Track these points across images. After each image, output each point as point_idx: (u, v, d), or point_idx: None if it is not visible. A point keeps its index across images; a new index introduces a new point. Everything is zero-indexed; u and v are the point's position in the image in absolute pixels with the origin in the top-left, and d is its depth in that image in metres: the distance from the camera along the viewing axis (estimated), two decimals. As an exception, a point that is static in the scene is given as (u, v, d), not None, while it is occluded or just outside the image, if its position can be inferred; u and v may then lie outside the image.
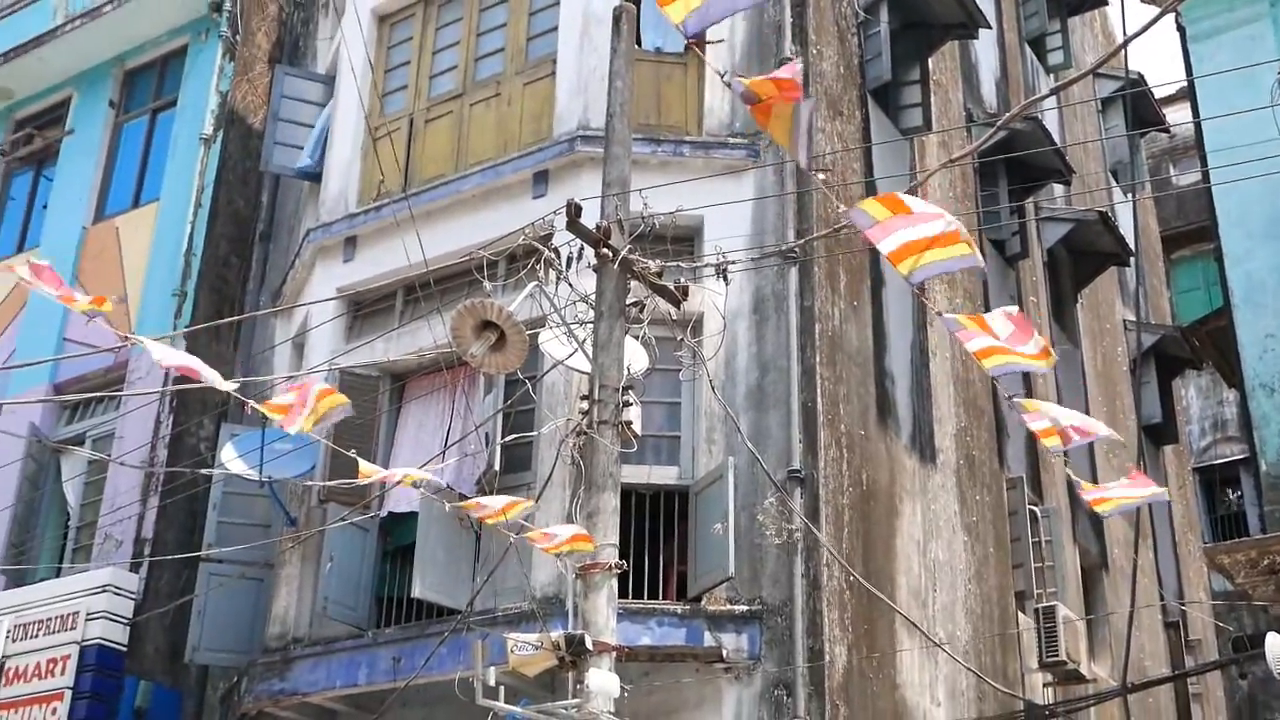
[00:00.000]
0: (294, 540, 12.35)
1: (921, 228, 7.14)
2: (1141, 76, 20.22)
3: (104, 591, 12.87)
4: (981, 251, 15.16)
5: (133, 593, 13.08)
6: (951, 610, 12.72)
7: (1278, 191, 9.37)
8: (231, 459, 12.04)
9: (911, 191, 8.10)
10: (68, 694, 12.46)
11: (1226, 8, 10.08)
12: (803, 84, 11.66)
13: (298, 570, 12.29)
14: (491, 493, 10.07)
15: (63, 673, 12.57)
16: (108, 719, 12.55)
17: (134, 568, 13.33)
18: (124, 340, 8.62)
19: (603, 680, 7.71)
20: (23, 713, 12.63)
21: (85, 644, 12.61)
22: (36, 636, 12.95)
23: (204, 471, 12.78)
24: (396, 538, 11.87)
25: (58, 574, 14.11)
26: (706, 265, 10.25)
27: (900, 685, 11.42)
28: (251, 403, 8.26)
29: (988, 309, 14.79)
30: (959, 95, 15.78)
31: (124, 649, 12.81)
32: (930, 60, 14.46)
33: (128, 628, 12.89)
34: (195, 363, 8.26)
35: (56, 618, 12.92)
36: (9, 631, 13.12)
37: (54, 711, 12.43)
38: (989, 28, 16.03)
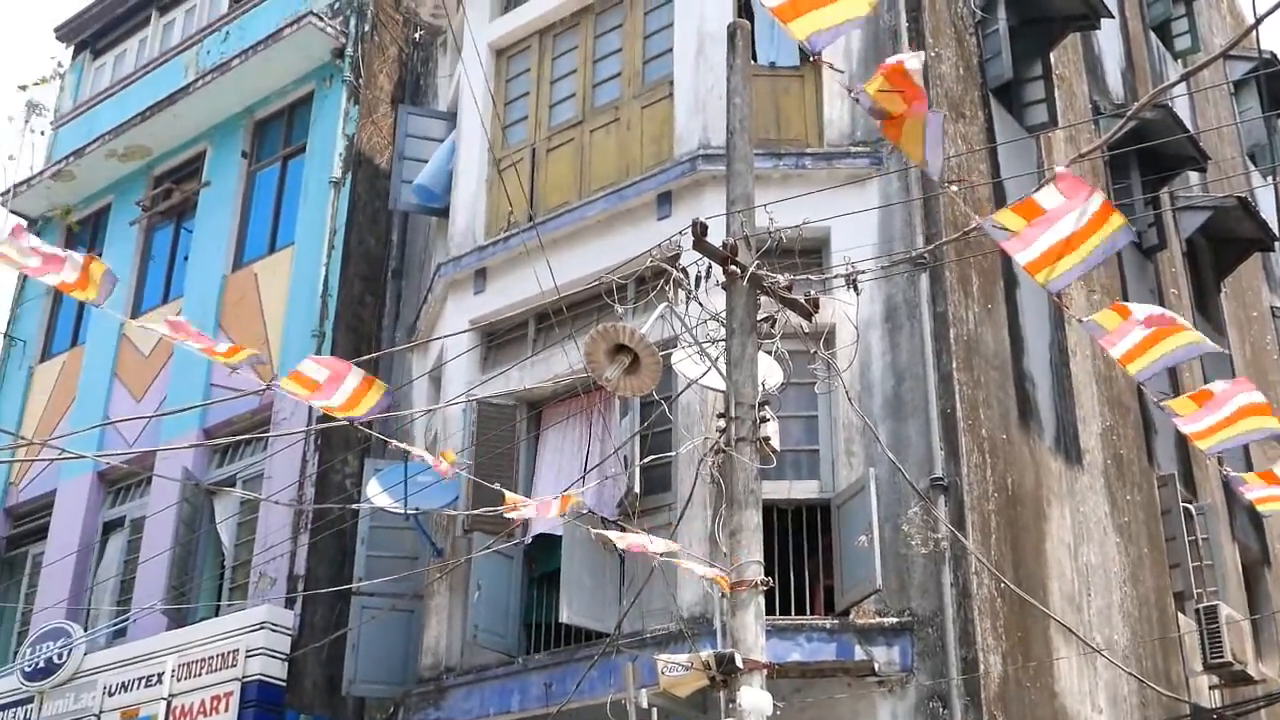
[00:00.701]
0: (441, 571, 12.46)
1: (1059, 226, 6.97)
2: (1275, 55, 19.68)
3: (261, 628, 13.11)
4: (1110, 205, 14.94)
5: (289, 629, 13.30)
6: (1108, 614, 12.43)
7: None
8: (377, 494, 12.19)
9: (1045, 183, 7.90)
10: (234, 729, 12.73)
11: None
12: (924, 83, 11.54)
13: (446, 600, 12.40)
14: (633, 515, 10.07)
15: (226, 709, 12.81)
16: (270, 754, 12.76)
17: (289, 604, 13.55)
18: (267, 385, 8.70)
19: (755, 698, 7.63)
20: (190, 749, 12.93)
21: (246, 680, 12.85)
22: (200, 675, 13.22)
23: (351, 507, 12.97)
24: (541, 564, 11.92)
25: (216, 613, 14.40)
26: (836, 276, 10.12)
27: (1059, 693, 11.18)
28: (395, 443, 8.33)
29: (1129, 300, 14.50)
30: (1084, 88, 15.50)
31: (283, 684, 13.03)
32: (1052, 55, 14.24)
33: (285, 663, 13.12)
34: (341, 364, 8.37)
35: (218, 655, 13.18)
36: (174, 670, 13.41)
37: (220, 747, 12.70)
38: (1111, 17, 15.73)
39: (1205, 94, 18.98)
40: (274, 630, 13.17)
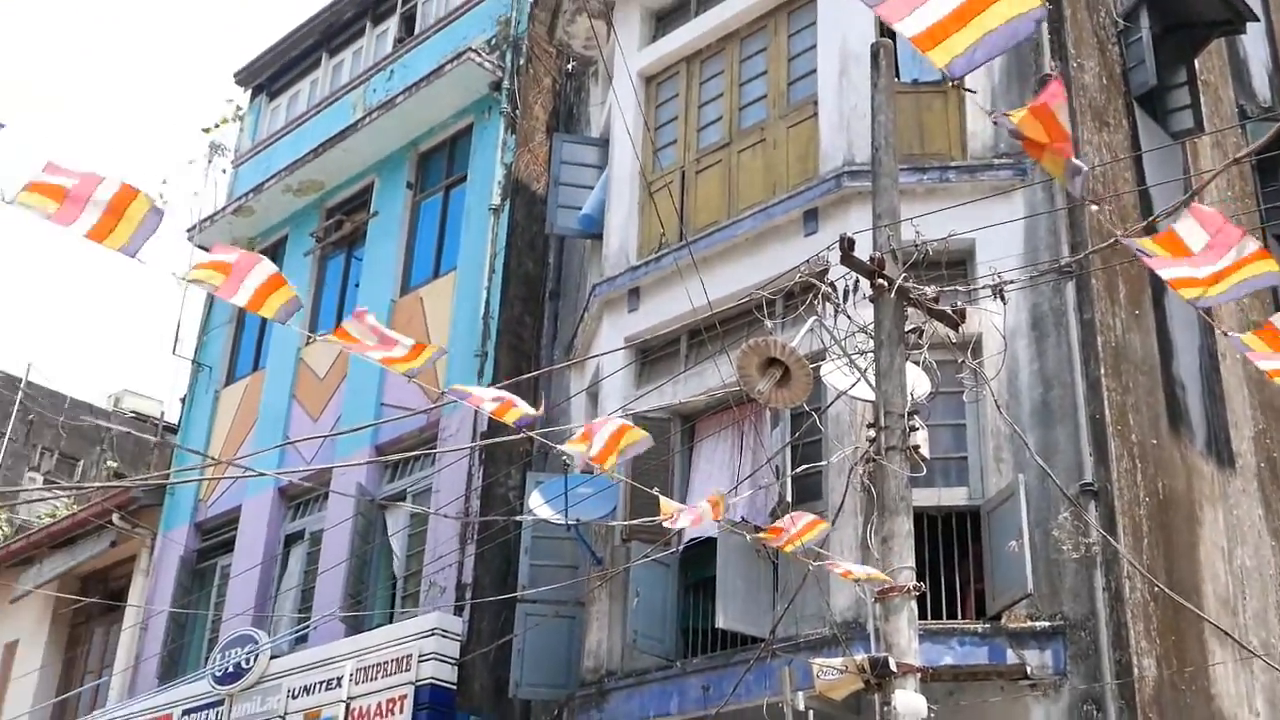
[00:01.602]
0: (601, 578, 12.63)
1: (1204, 262, 6.85)
2: None
3: (433, 635, 13.41)
4: (1266, 251, 14.51)
5: (458, 635, 13.58)
6: (1264, 617, 12.13)
7: None
8: (539, 505, 12.38)
9: (1190, 200, 7.78)
10: (409, 729, 13.04)
11: None
12: (1066, 94, 11.39)
13: (606, 607, 12.55)
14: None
15: (401, 711, 13.13)
16: (443, 753, 13.03)
17: (457, 611, 13.83)
18: (440, 396, 8.96)
19: (910, 701, 7.61)
20: (367, 750, 13.28)
21: (419, 684, 13.16)
22: (375, 679, 13.56)
23: (515, 518, 13.19)
24: (696, 572, 11.95)
25: (390, 620, 14.75)
26: (982, 287, 10.05)
27: (1215, 696, 10.92)
28: (557, 450, 8.48)
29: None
30: (1230, 93, 15.14)
31: (454, 687, 13.31)
32: (1197, 60, 13.93)
33: (455, 667, 13.40)
34: (506, 395, 8.58)
35: (392, 660, 13.52)
36: (352, 674, 13.79)
37: (396, 747, 13.02)
38: (1256, 20, 15.33)
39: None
40: (444, 636, 13.46)
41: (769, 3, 13.77)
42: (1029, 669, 10.03)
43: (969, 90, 8.43)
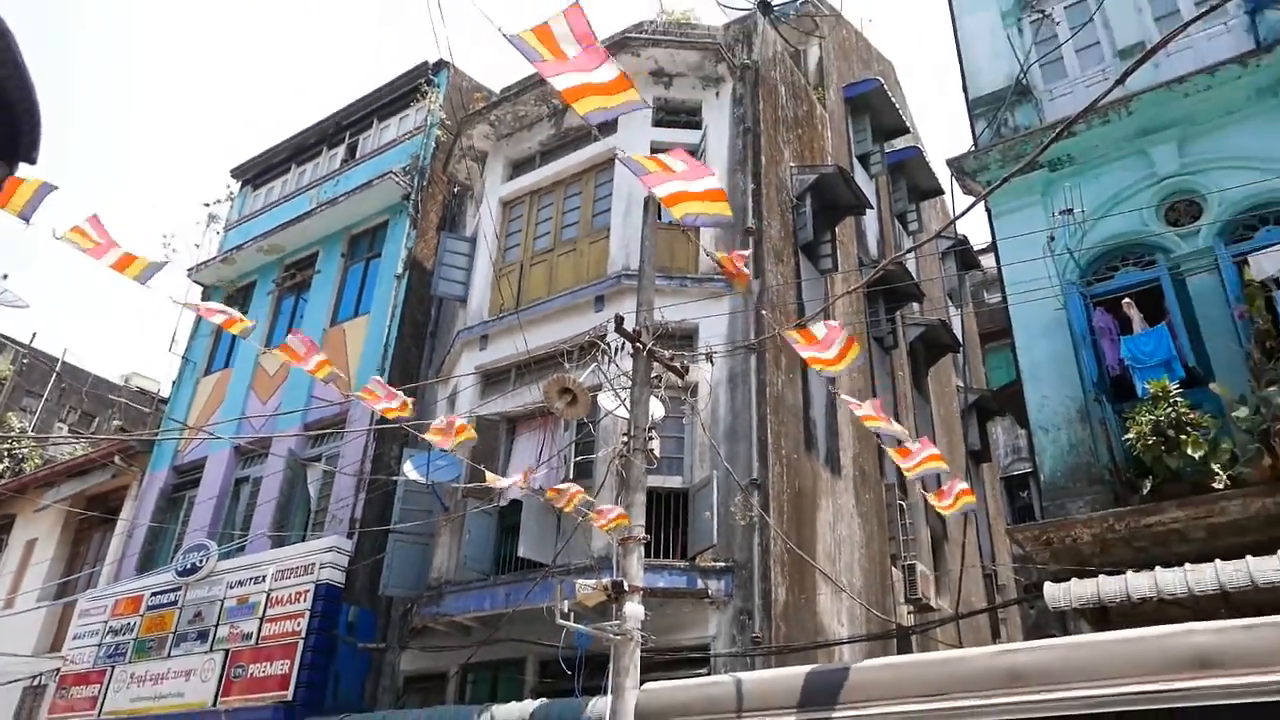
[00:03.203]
0: (446, 520, 12.35)
1: (825, 348, 7.19)
2: (965, 237, 20.29)
3: (330, 551, 12.87)
4: (868, 346, 15.19)
5: (348, 551, 13.07)
6: (851, 566, 12.57)
7: (1048, 309, 9.32)
8: (410, 470, 12.07)
9: (823, 311, 8.14)
10: (307, 612, 12.45)
11: (1015, 197, 10.07)
12: (754, 248, 11.74)
13: (448, 539, 12.27)
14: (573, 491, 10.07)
15: (304, 600, 12.56)
16: (330, 629, 12.47)
17: (349, 536, 13.33)
18: (347, 396, 8.66)
19: (634, 609, 7.67)
20: (280, 624, 12.62)
21: (319, 582, 12.63)
22: (289, 578, 12.94)
23: (393, 478, 12.82)
24: (509, 519, 11.81)
25: (303, 540, 14.10)
26: (700, 354, 10.26)
27: (818, 613, 11.26)
28: (423, 435, 8.29)
29: (873, 387, 14.78)
30: (854, 249, 15.86)
31: (341, 586, 12.79)
32: (837, 227, 14.54)
33: (344, 573, 12.88)
34: (387, 399, 8.35)
35: (301, 566, 12.93)
36: (273, 574, 13.13)
37: (299, 623, 12.41)
38: (872, 208, 16.14)
39: (925, 258, 19.52)
40: (339, 552, 12.93)
41: (584, 165, 13.87)
42: (710, 592, 10.17)
43: (693, 236, 8.62)
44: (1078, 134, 9.66)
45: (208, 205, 20.86)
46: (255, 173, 20.98)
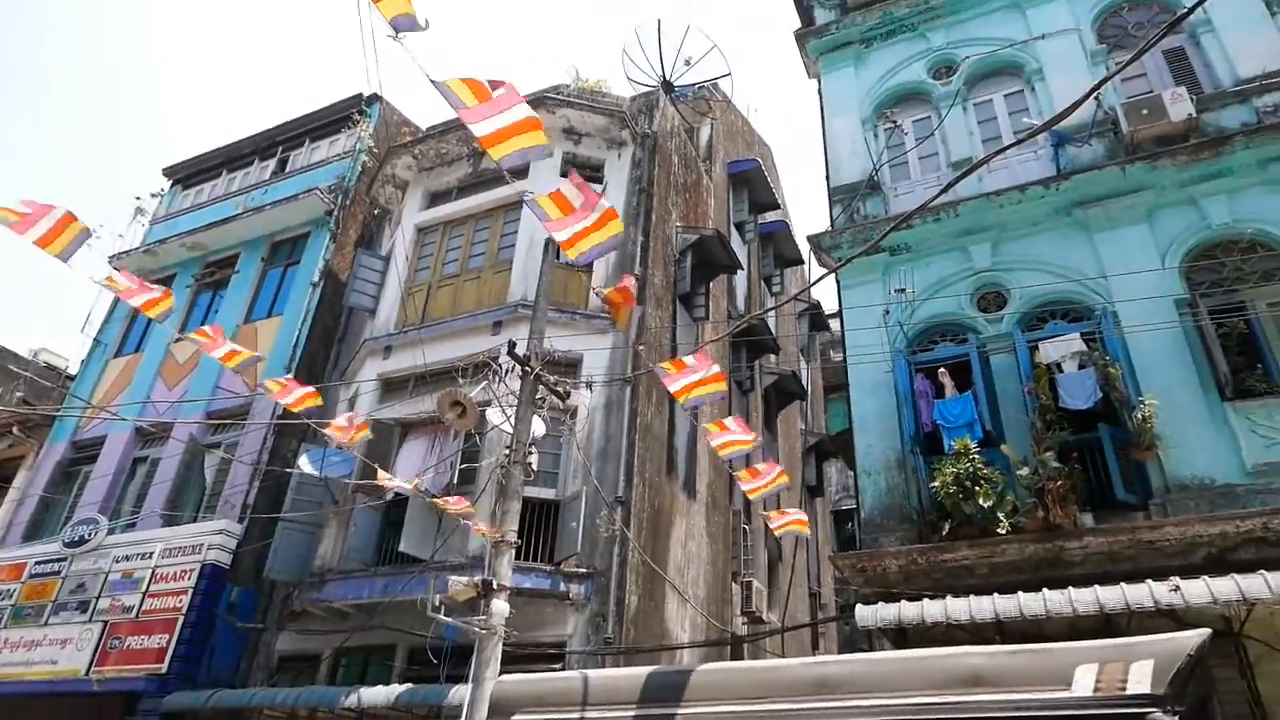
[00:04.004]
0: (336, 513, 11.85)
1: (693, 376, 7.28)
2: (819, 303, 21.03)
3: (220, 534, 12.19)
4: (729, 388, 15.45)
5: (236, 535, 12.39)
6: (697, 580, 12.66)
7: (878, 371, 9.73)
8: (305, 464, 11.56)
9: (694, 351, 8.26)
10: (190, 590, 11.72)
11: (860, 274, 10.52)
12: (638, 292, 11.83)
13: (335, 530, 11.77)
14: (451, 496, 9.83)
15: (189, 578, 11.83)
16: (212, 608, 11.78)
17: (241, 521, 12.63)
18: (254, 389, 8.26)
19: (499, 606, 7.51)
20: (163, 600, 11.82)
21: (205, 563, 11.92)
22: (176, 556, 12.17)
23: (288, 470, 12.23)
24: (393, 516, 11.45)
25: (194, 520, 13.28)
26: (582, 382, 10.24)
27: (665, 620, 11.28)
28: (324, 431, 7.96)
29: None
30: (725, 303, 16.18)
31: (227, 568, 12.09)
32: (711, 283, 14.82)
33: (232, 555, 12.18)
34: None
35: (190, 545, 12.19)
36: (160, 551, 12.31)
37: (181, 600, 11.66)
38: (743, 269, 16.54)
39: (784, 317, 20.10)
40: (228, 535, 12.25)
41: (496, 204, 13.74)
42: (570, 595, 10.08)
43: (587, 277, 8.62)
44: (914, 227, 10.19)
45: (138, 199, 19.64)
46: (187, 174, 19.92)
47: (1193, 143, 9.38)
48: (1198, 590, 6.72)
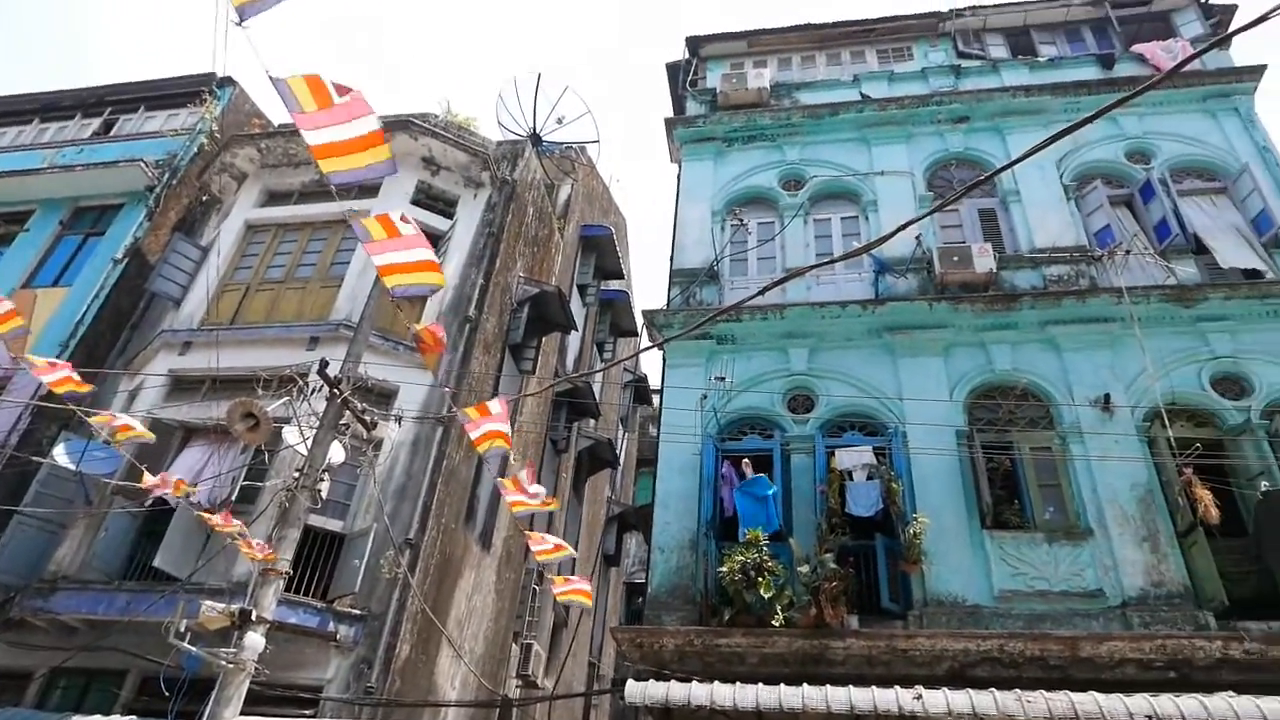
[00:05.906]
0: (86, 513, 10.58)
1: (494, 425, 7.19)
2: (645, 376, 21.48)
3: (-63, 519, 10.53)
4: (544, 446, 15.35)
5: (-42, 524, 10.74)
6: (477, 635, 12.26)
7: (688, 452, 10.00)
8: (60, 454, 10.29)
9: (513, 402, 8.16)
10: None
11: (686, 356, 10.86)
12: (468, 335, 11.68)
13: (81, 533, 10.49)
14: (226, 511, 9.05)
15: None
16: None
17: (-33, 508, 11.00)
18: (16, 358, 7.32)
19: (254, 640, 6.93)
20: None
21: (-91, 550, 10.21)
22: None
23: (39, 460, 10.82)
24: (154, 526, 10.35)
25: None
26: (392, 415, 9.83)
27: (435, 674, 10.77)
28: (90, 421, 7.12)
29: (539, 477, 14.89)
30: (554, 360, 16.18)
31: (-63, 559, 10.42)
32: (544, 338, 14.79)
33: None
34: (63, 373, 7.12)
35: (-106, 529, 10.42)
36: None
37: None
38: (578, 330, 16.67)
39: (609, 384, 20.36)
40: (-53, 522, 10.60)
41: (337, 217, 13.12)
42: (338, 635, 9.46)
43: (404, 313, 8.37)
44: (743, 321, 10.69)
45: (-79, 127, 17.28)
46: (-10, 113, 17.80)
47: (990, 293, 10.51)
48: (937, 701, 7.22)
